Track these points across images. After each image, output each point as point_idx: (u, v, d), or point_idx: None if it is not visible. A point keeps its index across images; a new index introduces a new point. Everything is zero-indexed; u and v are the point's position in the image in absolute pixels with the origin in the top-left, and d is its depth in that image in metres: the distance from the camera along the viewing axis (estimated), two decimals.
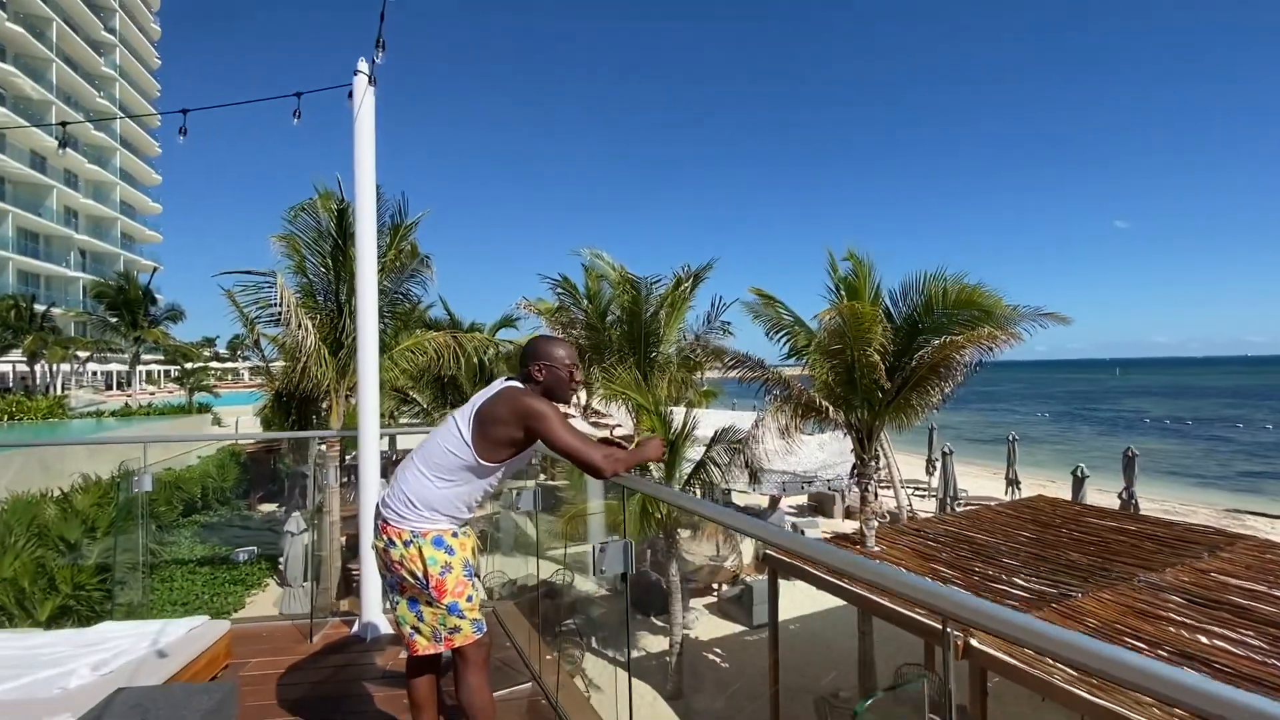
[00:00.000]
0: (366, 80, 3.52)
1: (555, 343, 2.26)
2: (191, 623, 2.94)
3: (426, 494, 2.07)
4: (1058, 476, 28.05)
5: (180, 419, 23.50)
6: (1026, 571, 6.93)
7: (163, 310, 30.49)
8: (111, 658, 2.57)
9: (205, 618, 3.01)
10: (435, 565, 2.04)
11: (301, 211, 11.04)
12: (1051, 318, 6.87)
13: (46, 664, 2.50)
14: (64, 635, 2.80)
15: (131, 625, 2.90)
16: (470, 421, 2.07)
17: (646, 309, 10.55)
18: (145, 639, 2.75)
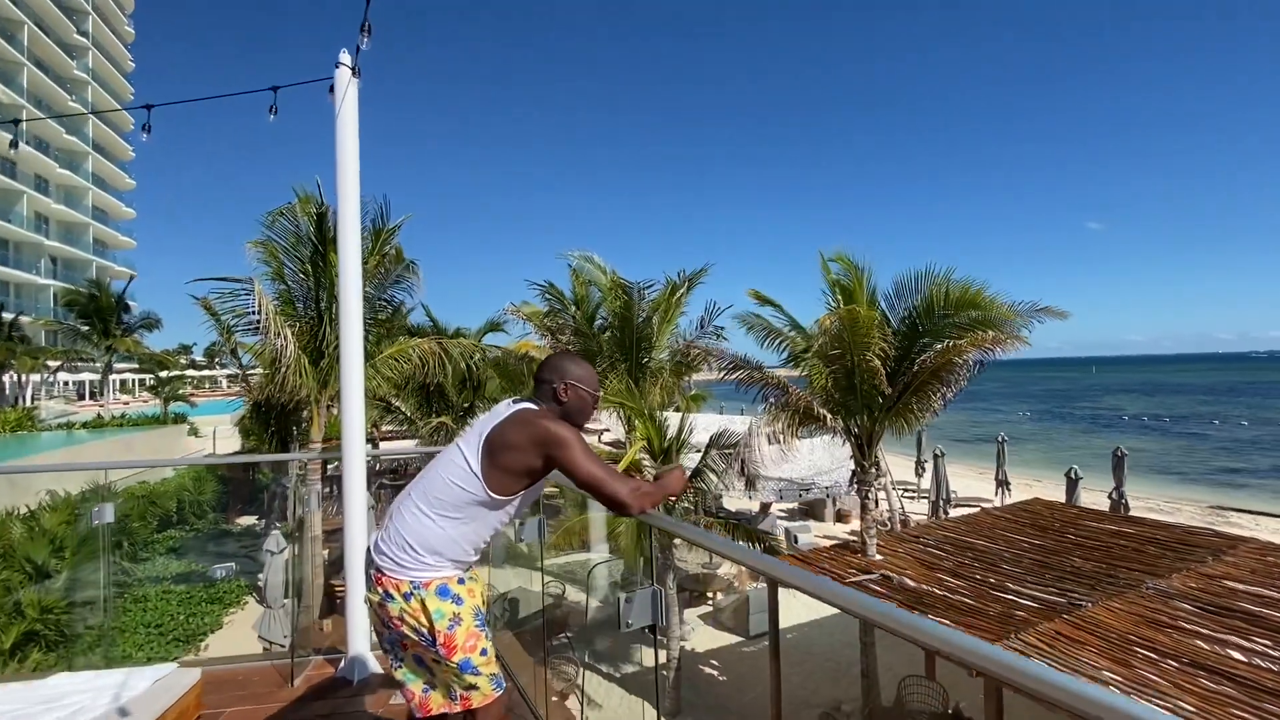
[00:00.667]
0: (349, 72, 3.25)
1: (580, 361, 2.04)
2: (158, 672, 2.64)
3: (428, 536, 1.80)
4: (1044, 475, 28.30)
5: (155, 430, 22.79)
6: (1032, 580, 6.79)
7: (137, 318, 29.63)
8: (68, 718, 2.27)
9: (173, 665, 2.71)
10: (442, 619, 1.77)
11: (280, 216, 10.68)
12: (1048, 312, 6.76)
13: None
14: (14, 690, 2.50)
15: (90, 677, 2.60)
16: (479, 449, 1.81)
17: (639, 314, 10.32)
18: (106, 693, 2.45)
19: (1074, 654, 5.05)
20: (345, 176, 3.35)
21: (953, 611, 6.01)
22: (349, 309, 3.39)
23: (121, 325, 28.59)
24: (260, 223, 10.61)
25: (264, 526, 16.04)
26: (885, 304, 7.10)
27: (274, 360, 9.95)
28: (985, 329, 6.36)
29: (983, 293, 6.33)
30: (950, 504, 15.00)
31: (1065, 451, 37.00)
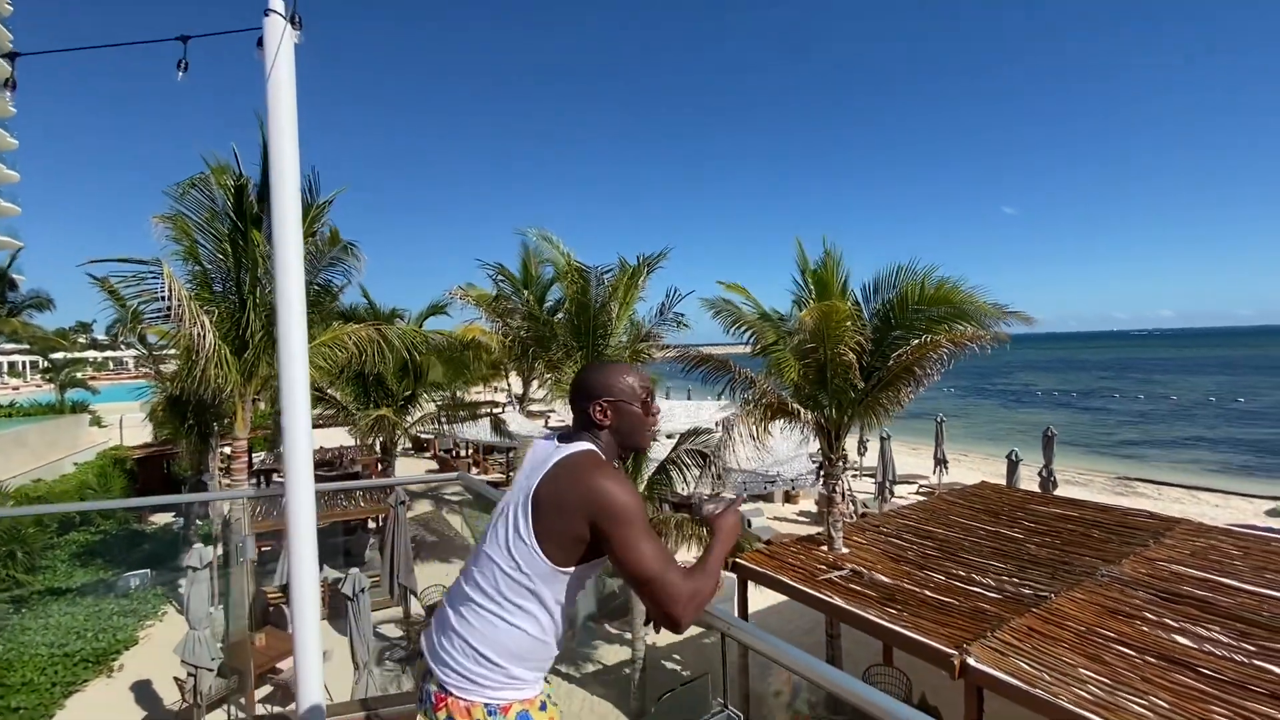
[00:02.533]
0: (283, 21, 2.64)
1: (610, 366, 1.59)
2: None
3: (503, 639, 1.38)
4: (970, 450, 29.83)
5: (50, 420, 20.61)
6: (995, 570, 6.90)
7: (24, 296, 26.57)
8: None
9: None
10: None
11: (191, 188, 9.52)
12: (1017, 317, 6.79)
13: None
14: None
15: None
16: (528, 507, 1.39)
17: (596, 300, 9.84)
18: None
19: (1050, 651, 5.09)
20: (280, 147, 2.74)
21: (926, 609, 5.99)
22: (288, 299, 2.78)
23: (6, 304, 25.60)
24: (168, 195, 9.43)
25: (183, 527, 14.76)
26: (860, 296, 6.96)
27: (190, 350, 8.93)
28: (959, 323, 6.30)
29: (958, 289, 6.26)
30: (893, 482, 15.43)
31: (988, 425, 39.25)
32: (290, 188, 2.84)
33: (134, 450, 18.92)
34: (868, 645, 8.60)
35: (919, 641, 5.47)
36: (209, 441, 14.11)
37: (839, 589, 6.63)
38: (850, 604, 6.24)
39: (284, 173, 2.81)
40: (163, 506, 16.76)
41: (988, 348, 6.21)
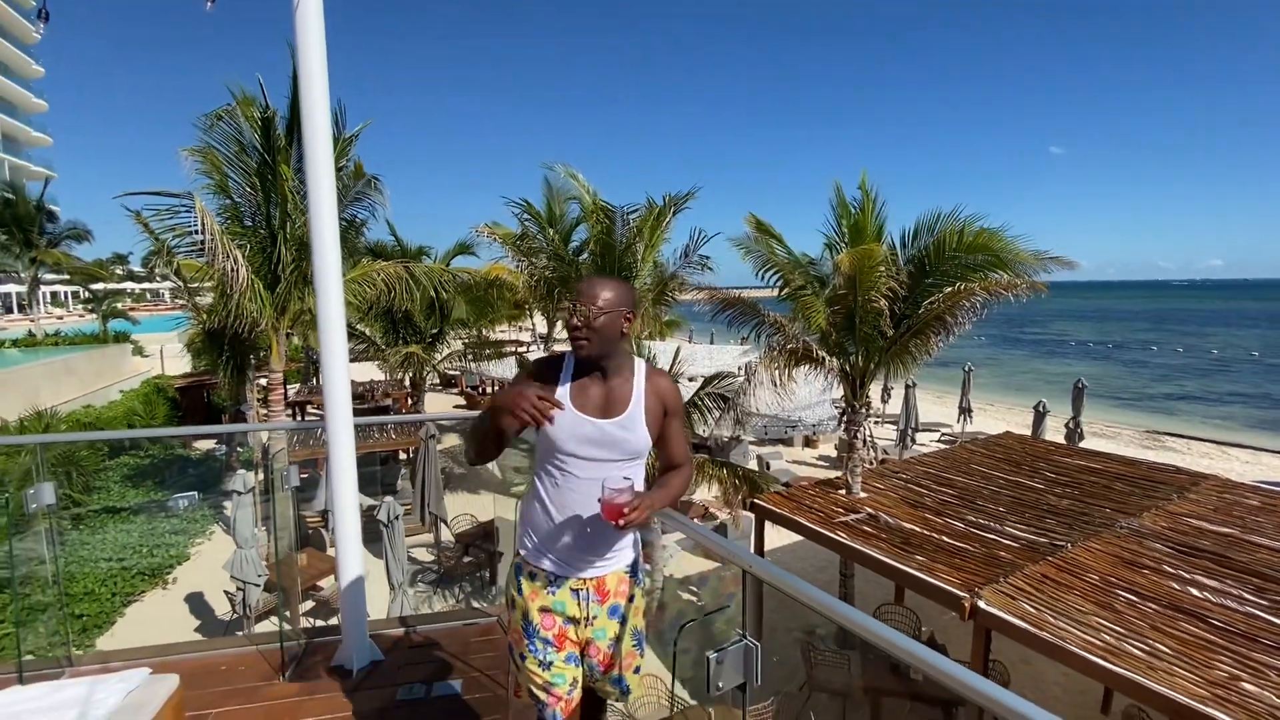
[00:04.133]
0: None
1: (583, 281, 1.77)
2: (128, 682, 2.30)
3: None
4: (997, 400, 29.50)
5: (96, 349, 21.42)
6: (1013, 519, 6.96)
7: (63, 227, 27.13)
8: None
9: (145, 672, 2.38)
10: None
11: (219, 120, 9.47)
12: (1058, 262, 6.55)
13: None
14: None
15: (44, 691, 2.25)
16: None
17: (621, 240, 9.74)
18: (67, 714, 2.12)
19: (1062, 598, 5.18)
20: (310, 71, 2.71)
21: (941, 554, 6.10)
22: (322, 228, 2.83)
23: (45, 235, 26.20)
24: (196, 126, 9.41)
25: (226, 453, 15.49)
26: (897, 242, 6.75)
27: (224, 284, 9.12)
28: (996, 271, 6.12)
29: (998, 236, 6.03)
30: (916, 430, 15.42)
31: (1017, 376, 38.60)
32: (319, 99, 2.82)
33: (175, 379, 19.66)
34: (880, 585, 8.85)
35: (930, 583, 5.61)
36: (245, 373, 14.58)
37: (854, 531, 6.77)
38: (864, 546, 6.37)
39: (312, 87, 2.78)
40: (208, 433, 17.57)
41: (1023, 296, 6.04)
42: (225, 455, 15.54)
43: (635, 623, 1.81)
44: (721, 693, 1.39)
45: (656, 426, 1.71)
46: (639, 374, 1.72)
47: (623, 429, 1.65)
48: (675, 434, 1.77)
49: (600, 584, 1.74)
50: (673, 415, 1.74)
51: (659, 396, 1.72)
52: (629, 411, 1.66)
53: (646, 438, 1.68)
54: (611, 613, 1.77)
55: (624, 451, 1.66)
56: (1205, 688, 4.18)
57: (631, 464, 1.70)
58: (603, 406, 1.67)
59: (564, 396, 1.66)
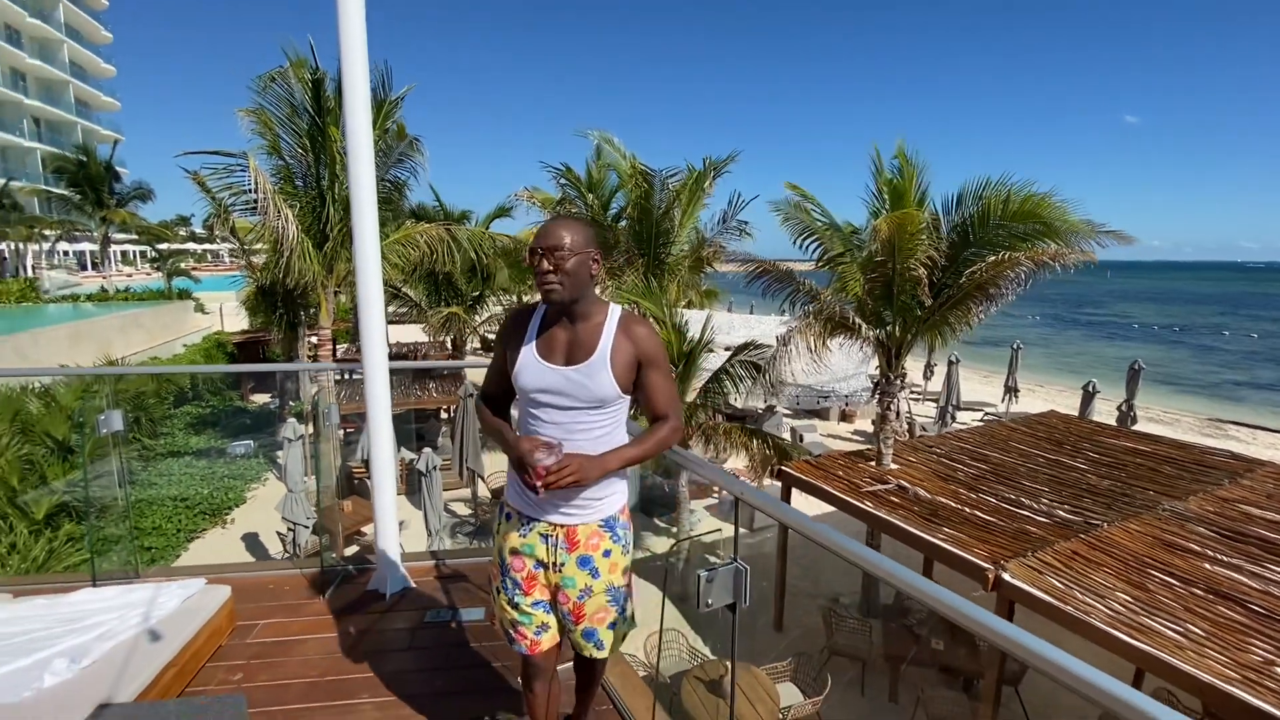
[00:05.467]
0: None
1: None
2: (187, 588, 2.55)
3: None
4: (1047, 381, 28.44)
5: (161, 305, 22.64)
6: (1049, 496, 6.82)
7: (129, 188, 28.52)
8: (93, 641, 2.19)
9: (201, 581, 2.62)
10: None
11: (272, 82, 9.75)
12: (1113, 235, 6.24)
13: (15, 650, 2.12)
14: (37, 607, 2.41)
15: (117, 592, 2.51)
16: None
17: (659, 205, 9.70)
18: (133, 613, 2.36)
19: (1089, 575, 5.10)
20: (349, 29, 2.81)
21: (968, 526, 6.05)
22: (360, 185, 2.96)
23: (114, 195, 27.57)
24: (250, 89, 9.72)
25: (279, 406, 16.31)
26: (940, 209, 6.55)
27: (276, 243, 9.51)
28: (1045, 241, 5.88)
29: (1048, 201, 5.77)
30: (957, 409, 15.07)
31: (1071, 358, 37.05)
32: (358, 58, 2.92)
33: (233, 336, 20.64)
34: (907, 558, 8.82)
35: (955, 554, 5.58)
36: (297, 331, 15.22)
37: (882, 501, 6.75)
38: (890, 516, 6.36)
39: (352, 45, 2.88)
40: (262, 388, 18.54)
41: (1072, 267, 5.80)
42: (278, 408, 16.34)
43: (611, 579, 1.76)
44: (711, 609, 1.47)
45: (628, 374, 1.65)
46: (611, 320, 1.67)
47: (583, 375, 1.62)
48: (656, 383, 1.69)
49: (570, 533, 1.72)
50: (651, 364, 1.67)
51: (632, 342, 1.65)
52: (592, 358, 1.62)
53: (610, 385, 1.62)
54: (581, 563, 1.73)
55: (585, 399, 1.63)
56: (1236, 670, 4.09)
57: (596, 412, 1.66)
58: (567, 353, 1.65)
59: (530, 346, 1.68)
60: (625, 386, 1.65)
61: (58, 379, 11.47)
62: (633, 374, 1.66)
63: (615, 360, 1.62)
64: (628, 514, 1.85)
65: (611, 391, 1.63)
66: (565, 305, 1.62)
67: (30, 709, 1.90)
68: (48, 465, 9.36)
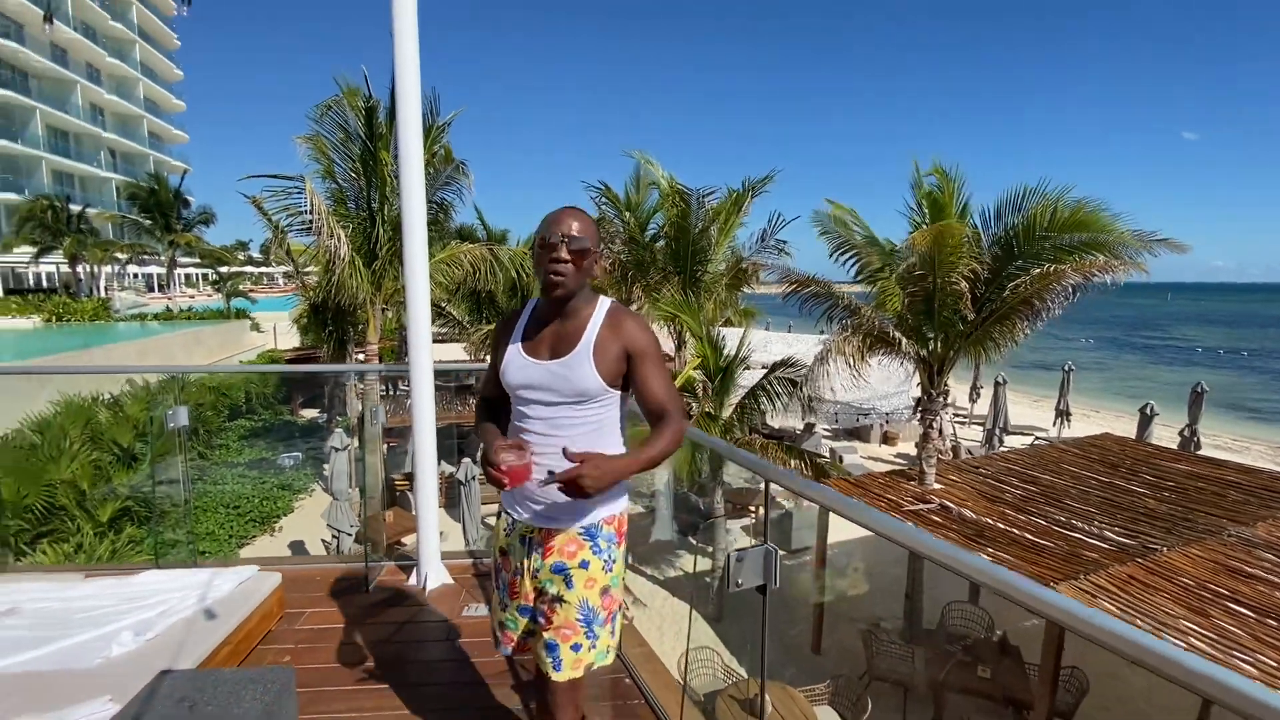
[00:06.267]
0: None
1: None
2: (240, 574, 2.69)
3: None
4: (1103, 406, 27.22)
5: (220, 324, 23.80)
6: (1102, 519, 6.53)
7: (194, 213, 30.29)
8: (156, 617, 2.33)
9: (254, 568, 2.76)
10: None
11: (328, 110, 10.31)
12: (1167, 245, 6.04)
13: (86, 623, 2.27)
14: (106, 586, 2.58)
15: (177, 575, 2.66)
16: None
17: (696, 224, 9.81)
18: (192, 593, 2.50)
19: (1147, 600, 4.86)
20: (404, 56, 2.99)
21: (1015, 548, 5.84)
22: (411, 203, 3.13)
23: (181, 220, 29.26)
24: (308, 117, 10.28)
25: (326, 420, 16.87)
26: (980, 221, 6.46)
27: (328, 261, 9.95)
28: (1094, 252, 5.72)
29: (1097, 213, 5.62)
30: (1005, 432, 14.59)
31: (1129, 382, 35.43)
32: (410, 82, 3.10)
33: (285, 353, 21.50)
34: (951, 580, 8.52)
35: None
36: (346, 348, 15.78)
37: (924, 521, 6.58)
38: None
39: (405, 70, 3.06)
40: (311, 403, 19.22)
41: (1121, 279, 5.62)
42: (326, 420, 16.89)
43: (586, 595, 1.61)
44: (740, 589, 1.49)
45: (615, 367, 1.56)
46: (598, 313, 1.60)
47: (565, 368, 1.55)
48: (648, 375, 1.58)
49: (547, 536, 1.63)
50: (642, 356, 1.58)
51: (619, 335, 1.57)
52: (575, 350, 1.56)
53: (593, 377, 1.54)
54: (555, 570, 1.62)
55: (568, 393, 1.56)
56: None
57: (581, 406, 1.58)
58: (553, 346, 1.59)
59: (516, 343, 1.64)
60: (612, 380, 1.57)
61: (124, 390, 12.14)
62: (621, 367, 1.58)
63: (600, 353, 1.55)
64: (620, 525, 1.68)
65: (595, 384, 1.55)
66: (564, 300, 1.56)
67: (99, 675, 2.03)
68: (114, 471, 9.88)
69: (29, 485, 8.16)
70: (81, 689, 1.96)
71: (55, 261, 30.83)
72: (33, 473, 8.39)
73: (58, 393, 11.43)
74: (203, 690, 1.79)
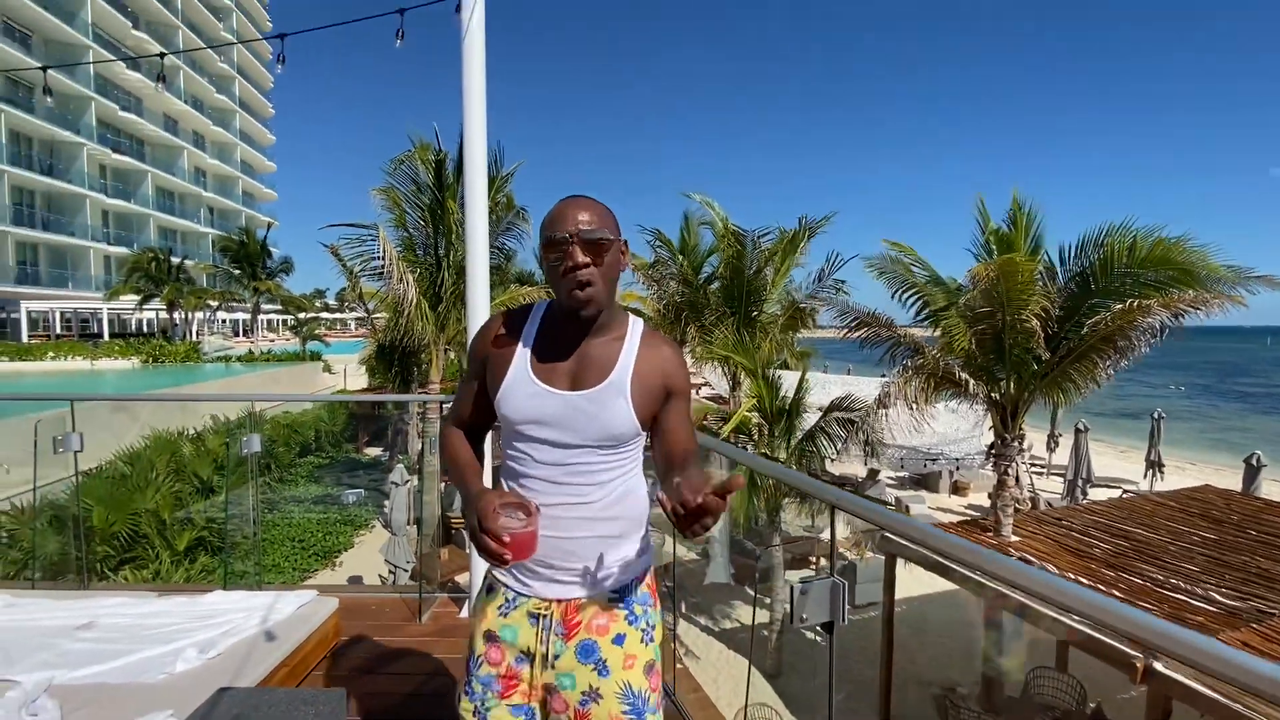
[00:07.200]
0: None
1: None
2: (301, 598, 2.73)
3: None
4: (1199, 459, 25.06)
5: (295, 365, 25.18)
6: (1208, 580, 5.90)
7: (276, 263, 32.63)
8: (220, 636, 2.38)
9: (314, 593, 2.80)
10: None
11: (400, 165, 11.00)
12: (1266, 281, 5.59)
13: (154, 639, 2.34)
14: (176, 604, 2.67)
15: (242, 597, 2.73)
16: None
17: (750, 264, 9.81)
18: (255, 615, 2.56)
19: None
20: (471, 106, 3.15)
21: None
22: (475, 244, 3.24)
23: (266, 270, 31.51)
24: (383, 170, 11.00)
25: (388, 458, 17.39)
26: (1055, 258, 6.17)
27: (397, 305, 10.43)
28: (1180, 288, 5.35)
29: (1182, 247, 5.28)
30: (1089, 484, 13.57)
31: (1227, 433, 32.56)
32: (477, 132, 3.24)
33: (353, 393, 22.46)
34: (1034, 643, 7.83)
35: (1096, 640, 4.90)
36: (409, 388, 16.36)
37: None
38: (1014, 593, 5.72)
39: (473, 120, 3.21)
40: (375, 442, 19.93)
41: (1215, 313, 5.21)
42: (388, 458, 17.40)
43: (628, 678, 1.27)
44: (807, 624, 1.39)
45: (650, 406, 1.27)
46: (633, 334, 1.29)
47: (593, 403, 1.23)
48: (681, 418, 1.32)
49: (568, 610, 1.27)
50: (681, 396, 1.32)
51: (659, 367, 1.27)
52: (609, 380, 1.23)
53: (627, 417, 1.23)
54: (583, 653, 1.26)
55: (593, 435, 1.23)
56: None
57: (606, 453, 1.26)
58: (574, 373, 1.25)
59: (523, 362, 1.27)
60: (646, 420, 1.27)
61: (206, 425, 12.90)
62: (656, 406, 1.28)
63: (638, 387, 1.24)
64: (654, 584, 1.37)
65: (629, 426, 1.24)
66: (594, 317, 1.23)
67: (163, 689, 2.07)
68: (192, 501, 10.41)
69: (117, 513, 8.68)
70: (146, 702, 2.00)
71: (155, 308, 33.58)
72: (121, 501, 8.93)
73: (149, 428, 12.25)
74: (258, 708, 1.79)
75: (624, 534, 1.29)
